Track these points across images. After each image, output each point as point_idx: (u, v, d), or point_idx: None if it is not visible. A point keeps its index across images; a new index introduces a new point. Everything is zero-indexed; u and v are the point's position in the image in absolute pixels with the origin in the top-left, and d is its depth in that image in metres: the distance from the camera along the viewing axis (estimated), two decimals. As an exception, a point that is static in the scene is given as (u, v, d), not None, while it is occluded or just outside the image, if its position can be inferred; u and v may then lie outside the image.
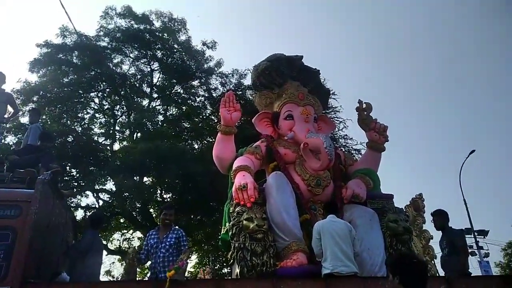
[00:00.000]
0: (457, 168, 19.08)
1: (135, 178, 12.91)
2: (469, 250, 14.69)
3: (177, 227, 4.99)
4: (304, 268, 4.38)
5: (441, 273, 5.58)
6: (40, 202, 4.34)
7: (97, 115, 15.72)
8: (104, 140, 15.27)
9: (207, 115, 16.01)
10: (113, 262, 17.59)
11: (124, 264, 6.05)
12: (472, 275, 5.11)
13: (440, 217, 5.31)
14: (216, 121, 14.46)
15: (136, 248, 13.87)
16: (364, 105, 6.28)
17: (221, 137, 5.70)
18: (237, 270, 4.52)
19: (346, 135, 14.35)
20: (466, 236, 15.59)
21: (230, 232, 4.67)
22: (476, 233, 18.01)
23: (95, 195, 14.24)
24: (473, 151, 18.64)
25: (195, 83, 16.03)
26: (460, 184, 18.72)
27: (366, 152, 6.47)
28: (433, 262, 6.36)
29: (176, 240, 4.78)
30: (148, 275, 5.22)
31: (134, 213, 13.83)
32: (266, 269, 4.40)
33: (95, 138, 14.95)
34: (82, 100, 15.04)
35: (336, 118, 13.95)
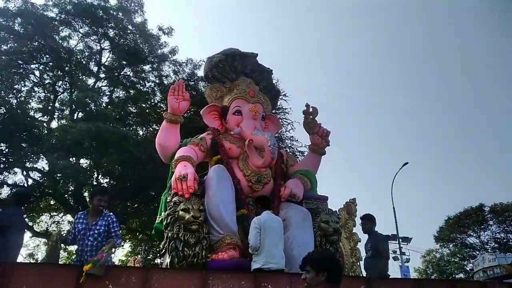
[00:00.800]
0: (391, 178, 20.31)
1: (71, 159, 12.27)
2: (392, 255, 15.72)
3: (108, 212, 4.63)
4: (235, 261, 4.43)
5: (364, 274, 5.92)
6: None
7: (36, 88, 14.68)
8: (41, 116, 14.35)
9: (156, 102, 15.61)
10: (38, 245, 16.65)
11: (47, 246, 5.67)
12: (390, 277, 5.48)
13: (368, 222, 5.62)
14: (164, 109, 14.13)
15: (61, 231, 13.18)
16: (311, 109, 6.50)
17: (166, 125, 5.61)
18: (168, 260, 4.47)
19: (292, 136, 14.71)
20: (391, 242, 16.72)
21: (165, 222, 4.60)
22: (400, 240, 19.27)
23: (24, 173, 13.35)
24: (406, 163, 19.89)
25: (147, 67, 15.55)
26: (392, 193, 19.95)
27: (307, 154, 6.69)
28: (358, 263, 6.72)
29: (106, 227, 4.48)
30: (74, 261, 4.94)
31: (66, 195, 13.15)
32: (197, 260, 4.40)
33: (31, 113, 13.98)
34: (20, 71, 13.95)
35: (284, 119, 14.25)
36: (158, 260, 15.88)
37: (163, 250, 4.82)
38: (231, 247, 4.56)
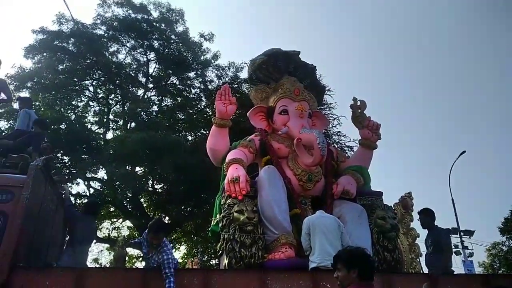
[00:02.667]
0: (447, 168, 19.29)
1: (127, 167, 12.91)
2: (454, 250, 14.93)
3: (164, 246, 4.13)
4: (292, 261, 4.45)
5: (426, 270, 5.70)
6: (32, 187, 4.35)
7: (91, 103, 15.67)
8: (97, 129, 15.24)
9: (202, 107, 16.01)
10: (101, 251, 17.63)
11: (113, 252, 5.98)
12: (454, 273, 5.22)
13: (427, 216, 5.39)
14: (211, 113, 14.46)
15: (125, 236, 13.83)
16: (358, 103, 6.35)
17: (215, 129, 5.73)
18: (226, 261, 4.58)
19: (339, 132, 14.43)
20: (452, 235, 15.85)
21: (220, 224, 4.72)
22: (462, 233, 18.24)
23: (86, 183, 14.21)
24: (463, 152, 18.80)
25: (191, 74, 16.00)
26: (449, 184, 18.94)
27: (358, 149, 6.55)
28: (418, 259, 6.47)
29: (159, 264, 4.05)
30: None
31: (124, 202, 13.83)
32: (254, 261, 4.46)
33: (89, 126, 14.91)
34: (76, 87, 14.97)
35: (330, 115, 14.00)
36: (213, 261, 16.26)
37: (220, 252, 4.94)
38: (286, 246, 4.58)
